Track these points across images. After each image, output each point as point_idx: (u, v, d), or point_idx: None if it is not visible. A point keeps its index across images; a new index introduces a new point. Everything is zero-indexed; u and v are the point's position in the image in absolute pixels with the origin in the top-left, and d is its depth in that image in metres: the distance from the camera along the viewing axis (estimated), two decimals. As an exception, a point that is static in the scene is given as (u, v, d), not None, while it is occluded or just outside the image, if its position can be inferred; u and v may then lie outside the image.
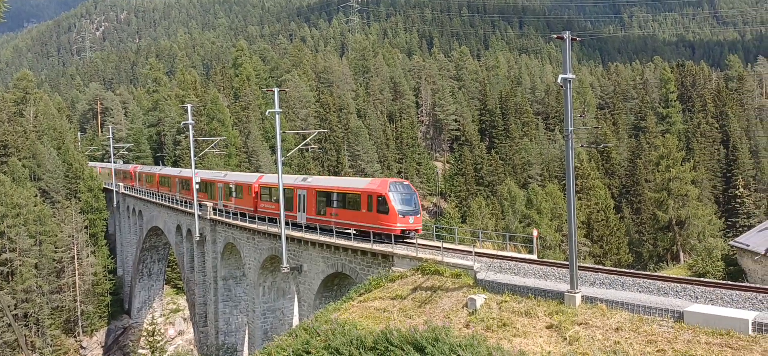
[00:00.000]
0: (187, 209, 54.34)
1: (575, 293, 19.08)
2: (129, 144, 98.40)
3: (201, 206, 50.45)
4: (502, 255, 26.30)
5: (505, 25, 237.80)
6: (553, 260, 27.95)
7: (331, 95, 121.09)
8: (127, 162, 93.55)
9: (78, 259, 70.88)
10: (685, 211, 66.07)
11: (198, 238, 51.19)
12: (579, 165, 76.31)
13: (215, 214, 49.03)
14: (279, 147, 36.07)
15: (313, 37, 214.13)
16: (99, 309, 72.82)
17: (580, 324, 17.83)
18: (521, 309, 19.68)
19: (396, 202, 30.44)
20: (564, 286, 20.06)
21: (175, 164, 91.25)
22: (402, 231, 30.36)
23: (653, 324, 16.80)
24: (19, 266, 62.10)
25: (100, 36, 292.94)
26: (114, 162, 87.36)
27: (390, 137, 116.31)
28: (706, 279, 26.60)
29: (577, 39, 20.21)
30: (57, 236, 68.79)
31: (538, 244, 32.94)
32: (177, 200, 58.46)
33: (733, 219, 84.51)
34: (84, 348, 70.70)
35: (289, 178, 40.80)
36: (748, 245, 34.69)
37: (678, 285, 19.34)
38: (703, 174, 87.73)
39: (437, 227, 37.35)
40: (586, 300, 18.95)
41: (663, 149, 70.95)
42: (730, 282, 20.90)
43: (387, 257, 28.32)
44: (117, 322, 75.23)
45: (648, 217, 76.29)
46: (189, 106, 53.45)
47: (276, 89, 37.08)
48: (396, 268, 27.19)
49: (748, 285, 20.20)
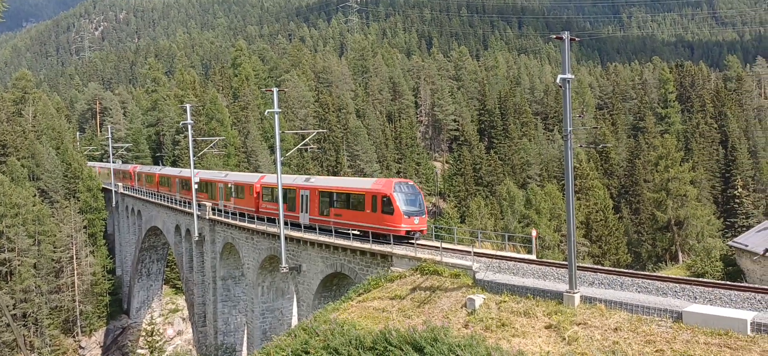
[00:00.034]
0: (186, 209, 54.29)
1: (574, 293, 19.09)
2: (128, 144, 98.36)
3: (200, 206, 50.42)
4: (501, 255, 26.28)
5: (504, 25, 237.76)
6: (551, 261, 27.93)
7: (330, 95, 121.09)
8: (126, 162, 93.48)
9: (77, 259, 70.82)
10: (683, 211, 66.21)
11: (197, 238, 51.21)
12: (578, 165, 76.30)
13: (215, 214, 49.01)
14: (278, 147, 36.03)
15: (312, 37, 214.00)
16: (98, 309, 72.79)
17: (579, 324, 17.84)
18: (520, 309, 19.69)
19: (401, 202, 29.88)
20: (563, 286, 20.07)
21: (173, 164, 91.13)
22: (407, 232, 29.75)
23: (652, 324, 16.81)
24: (18, 266, 62.03)
25: (99, 36, 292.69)
26: (113, 162, 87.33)
27: (389, 137, 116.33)
28: (705, 279, 26.67)
29: (576, 39, 20.23)
30: (56, 236, 68.72)
31: (536, 244, 32.91)
32: (177, 200, 58.35)
33: (731, 219, 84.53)
34: (83, 348, 70.64)
35: (292, 178, 40.57)
36: (746, 245, 34.74)
37: (677, 285, 19.34)
38: (701, 174, 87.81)
39: (436, 227, 37.31)
40: (584, 300, 18.96)
41: (662, 150, 71.13)
42: (728, 282, 20.91)
43: (386, 257, 28.29)
44: (116, 322, 75.22)
45: (647, 217, 76.39)
46: (188, 106, 53.39)
47: (275, 89, 37.12)
48: (395, 268, 27.17)
49: (747, 285, 20.21)
